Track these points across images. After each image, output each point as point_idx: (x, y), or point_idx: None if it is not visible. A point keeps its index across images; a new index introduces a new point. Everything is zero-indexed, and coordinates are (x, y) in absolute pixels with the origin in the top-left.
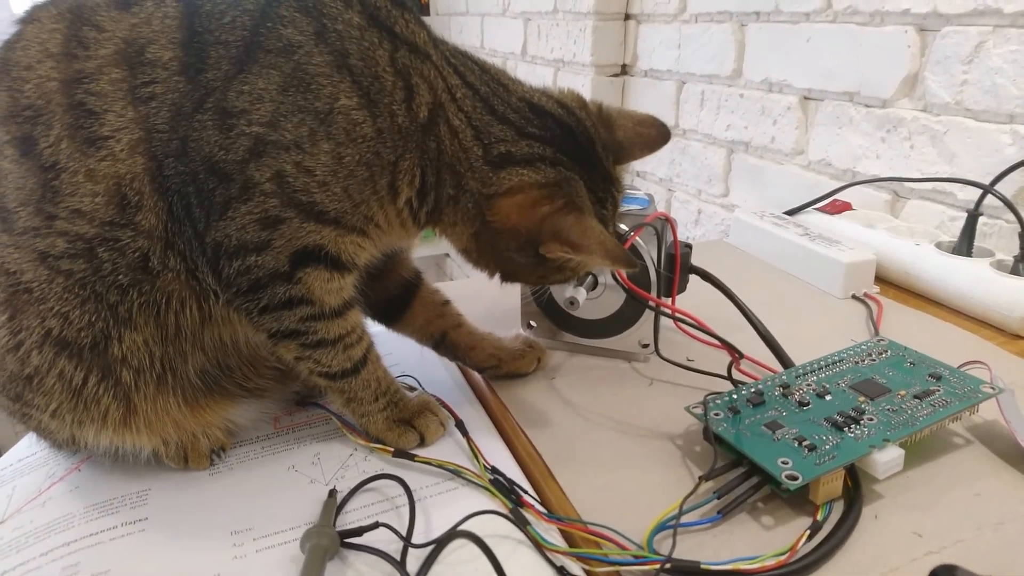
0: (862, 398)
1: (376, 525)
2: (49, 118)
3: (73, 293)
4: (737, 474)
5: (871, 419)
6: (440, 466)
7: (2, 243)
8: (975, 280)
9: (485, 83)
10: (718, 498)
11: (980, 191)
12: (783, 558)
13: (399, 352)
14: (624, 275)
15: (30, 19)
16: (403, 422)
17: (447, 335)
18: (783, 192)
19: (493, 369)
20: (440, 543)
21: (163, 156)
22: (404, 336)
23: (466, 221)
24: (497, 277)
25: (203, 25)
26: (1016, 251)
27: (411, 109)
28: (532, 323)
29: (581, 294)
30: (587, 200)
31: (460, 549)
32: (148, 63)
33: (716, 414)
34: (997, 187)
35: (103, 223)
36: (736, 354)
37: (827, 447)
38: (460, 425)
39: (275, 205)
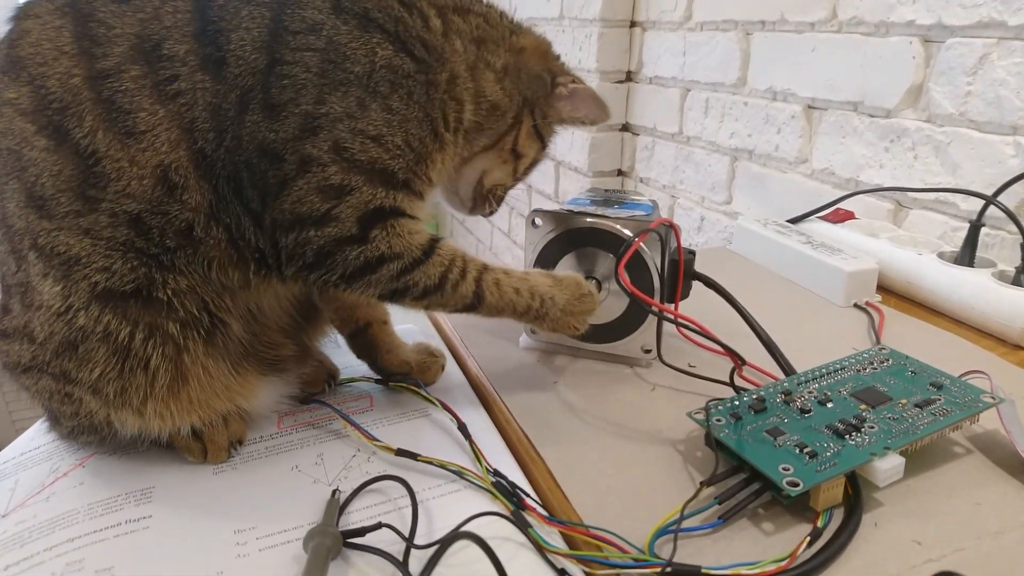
0: (863, 406)
1: (379, 526)
2: (79, 110)
3: (115, 249)
4: (738, 480)
5: (872, 427)
6: (442, 467)
7: (45, 230)
8: (977, 290)
9: None
10: (719, 503)
11: (983, 202)
12: (783, 564)
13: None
14: (627, 279)
15: (27, 15)
16: (568, 313)
17: (371, 327)
18: (786, 200)
19: (400, 376)
20: (443, 544)
21: (211, 151)
22: (323, 309)
23: (497, 69)
24: (506, 126)
25: (217, 15)
26: (1018, 262)
27: (430, 28)
28: (534, 328)
29: (595, 293)
30: None
31: (462, 551)
32: (166, 58)
33: (718, 420)
34: (999, 198)
35: (150, 201)
36: (738, 360)
37: (828, 454)
38: (463, 428)
39: (335, 172)
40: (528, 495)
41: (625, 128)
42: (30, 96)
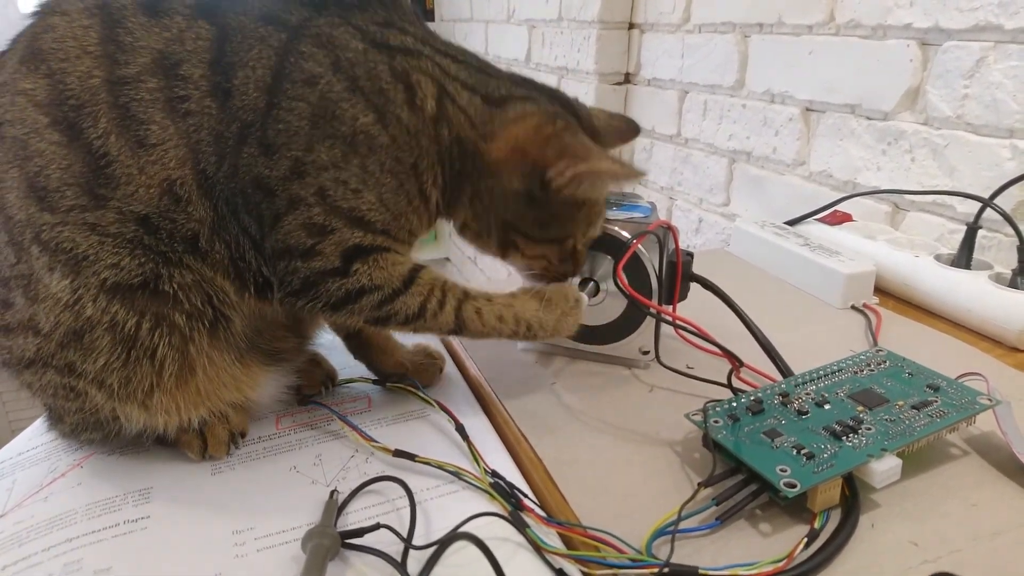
0: (860, 408)
1: (377, 526)
2: (95, 111)
3: (123, 246)
4: (736, 481)
5: (869, 429)
6: (440, 467)
7: (48, 224)
8: (973, 292)
9: (475, 59)
10: (717, 504)
11: (979, 204)
12: (780, 565)
13: None
14: (625, 281)
15: (54, 11)
16: (557, 331)
17: (364, 329)
18: (784, 202)
19: (397, 377)
20: (441, 544)
21: (212, 173)
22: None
23: (468, 191)
24: (496, 250)
25: (233, 48)
26: (1014, 264)
27: (414, 105)
28: None
29: (583, 300)
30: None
31: (460, 551)
32: (182, 77)
33: (716, 421)
34: (996, 201)
35: (158, 207)
36: (736, 362)
37: (825, 456)
38: (460, 429)
39: (318, 213)
40: (526, 496)
41: None
42: (47, 89)
